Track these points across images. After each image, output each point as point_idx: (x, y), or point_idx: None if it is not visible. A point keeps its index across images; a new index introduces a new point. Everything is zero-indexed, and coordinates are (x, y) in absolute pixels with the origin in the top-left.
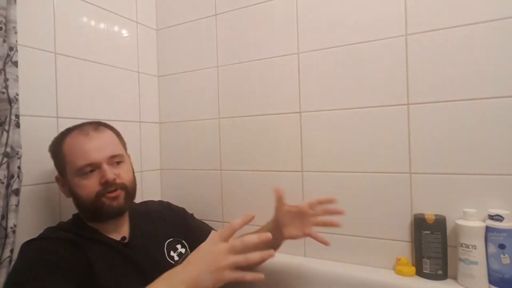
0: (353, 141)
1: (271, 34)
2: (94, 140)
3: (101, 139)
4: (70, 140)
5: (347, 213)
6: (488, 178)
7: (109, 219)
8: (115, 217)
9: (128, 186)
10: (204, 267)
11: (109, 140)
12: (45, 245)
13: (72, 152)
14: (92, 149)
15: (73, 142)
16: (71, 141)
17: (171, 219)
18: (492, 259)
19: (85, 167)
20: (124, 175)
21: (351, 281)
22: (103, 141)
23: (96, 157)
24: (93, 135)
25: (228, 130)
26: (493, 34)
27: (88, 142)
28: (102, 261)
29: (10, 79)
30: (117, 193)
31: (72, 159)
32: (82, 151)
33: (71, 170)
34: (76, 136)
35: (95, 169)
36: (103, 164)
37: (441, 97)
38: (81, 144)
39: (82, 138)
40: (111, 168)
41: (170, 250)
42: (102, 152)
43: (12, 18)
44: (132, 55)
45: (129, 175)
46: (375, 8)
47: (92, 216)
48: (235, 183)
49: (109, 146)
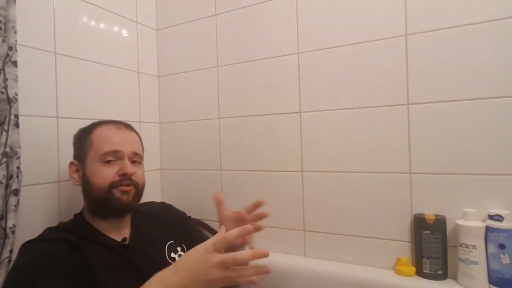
0: (353, 141)
1: (271, 34)
2: (124, 135)
3: (130, 136)
4: (101, 129)
5: (347, 213)
6: (488, 178)
7: (114, 214)
8: (120, 213)
9: (140, 187)
10: (195, 276)
11: (136, 140)
12: (44, 247)
13: (101, 139)
14: (120, 140)
15: (105, 131)
16: (102, 130)
17: (172, 221)
18: (492, 259)
19: (109, 154)
20: (139, 175)
21: (351, 281)
22: (131, 138)
23: (122, 148)
24: (124, 130)
25: (228, 130)
26: (493, 34)
27: (118, 133)
28: (102, 263)
29: (9, 79)
30: (129, 188)
31: (98, 144)
32: (111, 140)
33: (94, 155)
34: (109, 127)
35: (117, 160)
36: (126, 157)
37: (441, 97)
38: (112, 134)
39: (114, 129)
40: (130, 164)
41: (171, 252)
42: (128, 146)
43: (12, 18)
44: (132, 55)
45: (142, 177)
46: (375, 8)
47: (98, 208)
48: (235, 183)
49: (135, 144)
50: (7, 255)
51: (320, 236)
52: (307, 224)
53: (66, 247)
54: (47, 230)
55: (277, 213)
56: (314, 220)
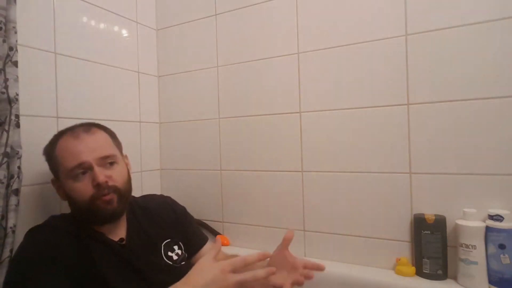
0: (353, 141)
1: (271, 34)
2: (84, 142)
3: (91, 141)
4: (62, 143)
5: (348, 213)
6: (488, 178)
7: (105, 222)
8: (111, 221)
9: (121, 189)
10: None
11: (100, 141)
12: (49, 237)
13: (64, 155)
14: (82, 150)
15: (65, 145)
16: (63, 144)
17: (170, 219)
18: (492, 259)
19: (76, 169)
20: (116, 177)
21: (351, 281)
22: (94, 142)
23: (86, 158)
24: (83, 137)
25: (228, 130)
26: (493, 34)
27: (78, 144)
28: (103, 257)
29: (10, 79)
30: (110, 197)
31: (63, 161)
32: (72, 153)
33: (63, 173)
34: (67, 139)
35: (87, 171)
36: (94, 165)
37: (441, 97)
38: (72, 146)
39: (73, 141)
40: (102, 169)
41: (168, 251)
42: (92, 153)
43: (12, 18)
44: (132, 55)
45: (122, 176)
46: (375, 8)
47: (88, 220)
48: (235, 183)
49: (100, 147)
50: (7, 255)
51: (320, 236)
52: (307, 224)
53: (68, 236)
54: (52, 218)
55: (277, 213)
56: (314, 220)
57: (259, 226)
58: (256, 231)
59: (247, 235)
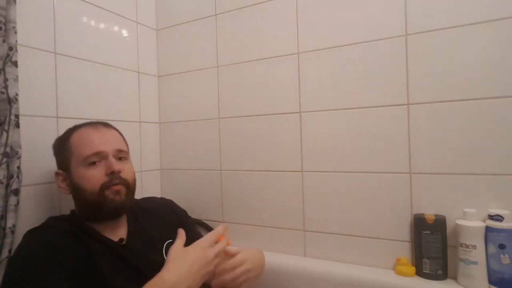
0: (353, 141)
1: (271, 34)
2: (103, 134)
3: (109, 134)
4: (79, 133)
5: (347, 213)
6: (488, 178)
7: (108, 216)
8: (115, 215)
9: (130, 184)
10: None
11: (117, 136)
12: (47, 238)
13: (80, 143)
14: (100, 140)
15: (82, 134)
16: (80, 134)
17: (171, 220)
18: (492, 259)
19: (92, 156)
20: (127, 172)
21: (351, 281)
22: (112, 136)
23: (103, 147)
24: (102, 130)
25: (228, 130)
26: (493, 34)
27: (97, 134)
28: (103, 257)
29: (9, 79)
30: (120, 188)
31: (79, 149)
32: (90, 141)
33: (77, 160)
34: (86, 130)
35: (101, 160)
36: (110, 155)
37: (441, 97)
38: (90, 135)
39: (92, 131)
40: (116, 161)
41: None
42: (109, 145)
43: (12, 18)
44: (132, 55)
45: (131, 174)
46: (375, 8)
47: (91, 212)
48: (235, 183)
49: (117, 140)
50: (6, 255)
51: (320, 236)
52: (307, 224)
53: (68, 237)
54: (50, 219)
55: (277, 213)
56: (314, 220)
57: (259, 226)
58: (256, 231)
59: (247, 235)
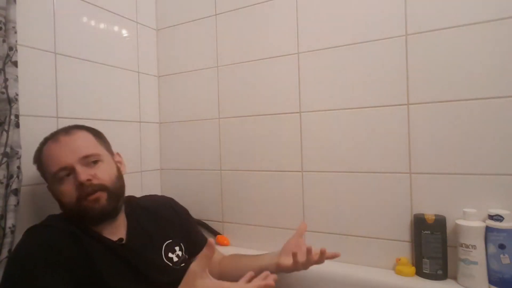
0: (353, 141)
1: (271, 34)
2: (64, 144)
3: (71, 142)
4: (45, 150)
5: (347, 213)
6: (488, 178)
7: (97, 222)
8: (102, 220)
9: (109, 187)
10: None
11: (80, 141)
12: (48, 238)
13: (47, 160)
14: (62, 153)
15: (47, 150)
16: (46, 150)
17: (171, 219)
18: (492, 259)
19: (59, 172)
20: (101, 175)
21: (351, 281)
22: (74, 143)
23: (67, 160)
24: (63, 140)
25: (228, 130)
26: (493, 34)
27: (58, 147)
28: (102, 257)
29: (9, 79)
30: (96, 196)
31: (47, 167)
32: (54, 157)
33: (50, 178)
34: (49, 144)
35: (71, 173)
36: (76, 166)
37: (441, 97)
38: (53, 151)
39: (53, 145)
40: (86, 169)
41: (168, 252)
42: (73, 154)
43: (12, 18)
44: (132, 55)
45: (108, 174)
46: (375, 8)
47: (80, 221)
48: (235, 183)
49: (81, 147)
50: (6, 255)
51: (320, 236)
52: (307, 224)
53: (68, 236)
54: (50, 217)
55: (277, 213)
56: (314, 220)
57: (259, 226)
58: (256, 231)
59: (247, 235)
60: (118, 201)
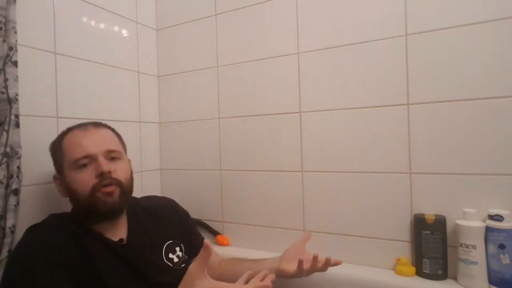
0: (353, 141)
1: (271, 34)
2: (92, 135)
3: (99, 134)
4: (69, 136)
5: (347, 213)
6: (488, 178)
7: (104, 217)
8: (110, 216)
9: (124, 184)
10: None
11: (107, 136)
12: (48, 237)
13: (71, 147)
14: (89, 142)
15: (73, 137)
16: (70, 137)
17: (172, 220)
18: (492, 259)
19: (81, 159)
20: (119, 172)
21: (351, 281)
22: (101, 136)
23: (92, 150)
24: (92, 130)
25: (228, 130)
26: (492, 34)
27: (86, 135)
28: (102, 257)
29: (9, 79)
30: (112, 189)
31: (69, 152)
32: (79, 144)
33: (68, 164)
34: (76, 132)
35: (92, 163)
36: (99, 156)
37: (441, 97)
38: (80, 138)
39: (81, 133)
40: (107, 162)
41: (169, 252)
42: (99, 146)
43: (12, 18)
44: (132, 55)
45: (125, 173)
46: (375, 8)
47: (86, 215)
48: (235, 183)
49: (107, 141)
50: (6, 255)
51: (320, 236)
52: (307, 224)
53: (68, 236)
54: (51, 216)
55: (277, 213)
56: (314, 220)
57: (259, 226)
58: (256, 231)
59: (247, 235)
60: (127, 201)
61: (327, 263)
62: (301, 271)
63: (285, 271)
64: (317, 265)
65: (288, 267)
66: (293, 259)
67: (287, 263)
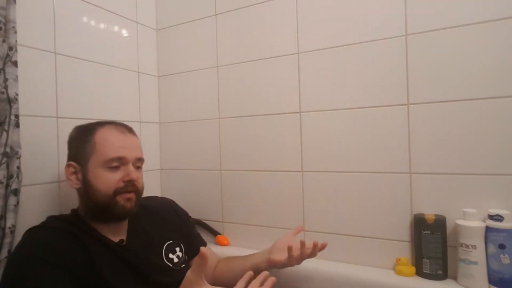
0: (353, 141)
1: (271, 34)
2: (129, 140)
3: (133, 141)
4: (104, 132)
5: (347, 213)
6: (488, 178)
7: (114, 220)
8: (122, 219)
9: (140, 192)
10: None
11: (138, 144)
12: (46, 238)
13: (106, 143)
14: (125, 145)
15: (109, 134)
16: (105, 133)
17: (172, 220)
18: (492, 259)
19: (115, 160)
20: (141, 181)
21: (351, 281)
22: (135, 143)
23: (127, 154)
24: (128, 135)
25: (228, 130)
26: (492, 34)
27: (123, 139)
28: (102, 258)
29: (9, 79)
30: (131, 196)
31: (102, 149)
32: (116, 144)
33: (98, 160)
34: (112, 130)
35: (121, 166)
36: (130, 163)
37: (441, 97)
38: (117, 138)
39: (118, 134)
40: (134, 169)
41: (169, 252)
42: (132, 152)
43: (12, 18)
44: (132, 55)
45: (142, 182)
46: (375, 8)
47: (99, 213)
48: (235, 183)
49: (138, 149)
50: (5, 255)
51: (320, 236)
52: (307, 224)
53: (68, 237)
54: (50, 218)
55: (277, 213)
56: (314, 220)
57: (259, 226)
58: (256, 231)
59: (247, 235)
60: (139, 205)
61: (315, 247)
62: (291, 259)
63: (275, 260)
64: (305, 251)
65: (278, 257)
66: (282, 249)
67: (277, 253)
